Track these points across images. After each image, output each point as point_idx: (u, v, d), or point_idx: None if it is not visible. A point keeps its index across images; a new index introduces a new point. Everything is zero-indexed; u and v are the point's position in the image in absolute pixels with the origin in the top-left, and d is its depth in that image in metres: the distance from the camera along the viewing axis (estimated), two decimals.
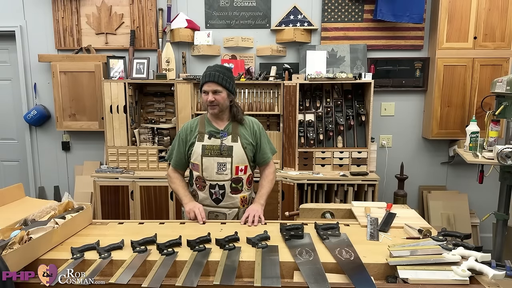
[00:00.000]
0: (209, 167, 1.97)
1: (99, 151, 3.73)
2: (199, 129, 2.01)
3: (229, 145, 1.97)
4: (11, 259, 1.31)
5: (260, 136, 2.05)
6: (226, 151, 1.96)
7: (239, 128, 2.01)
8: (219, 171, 1.96)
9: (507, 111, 2.65)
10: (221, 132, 1.99)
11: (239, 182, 2.01)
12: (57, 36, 3.59)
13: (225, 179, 1.98)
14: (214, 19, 3.58)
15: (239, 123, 2.02)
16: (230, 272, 1.32)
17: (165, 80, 3.38)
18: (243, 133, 2.01)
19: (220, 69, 1.93)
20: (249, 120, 2.07)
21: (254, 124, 2.07)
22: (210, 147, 1.97)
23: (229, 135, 1.98)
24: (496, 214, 2.69)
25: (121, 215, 3.25)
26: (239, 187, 2.01)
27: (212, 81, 1.90)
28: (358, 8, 3.49)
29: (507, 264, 1.36)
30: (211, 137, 1.98)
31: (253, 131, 2.04)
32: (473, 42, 3.28)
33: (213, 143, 1.97)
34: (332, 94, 3.52)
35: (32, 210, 1.76)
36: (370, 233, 1.70)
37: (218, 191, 1.99)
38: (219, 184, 1.98)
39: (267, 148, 2.09)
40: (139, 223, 1.89)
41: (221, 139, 1.97)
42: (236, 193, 2.02)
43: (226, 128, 2.01)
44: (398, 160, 3.45)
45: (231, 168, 1.97)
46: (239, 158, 1.98)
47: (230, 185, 1.99)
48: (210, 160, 1.96)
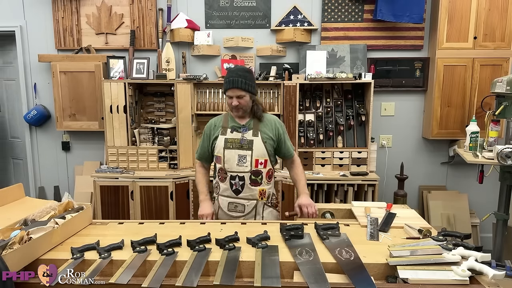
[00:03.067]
0: (230, 159, 2.08)
1: (99, 151, 3.73)
2: (222, 124, 2.15)
3: (249, 139, 2.09)
4: (11, 259, 1.30)
5: (282, 132, 2.17)
6: (247, 144, 2.08)
7: (259, 124, 2.13)
8: (240, 163, 2.07)
9: (507, 111, 2.65)
10: (242, 127, 2.11)
11: (259, 174, 2.10)
12: (57, 36, 3.59)
13: (245, 171, 2.08)
14: (214, 19, 3.58)
15: (259, 120, 2.14)
16: (230, 272, 1.32)
17: (165, 80, 3.38)
18: (263, 128, 2.13)
19: (242, 74, 2.04)
20: (271, 118, 2.20)
21: (276, 121, 2.18)
22: (232, 140, 2.10)
23: (250, 130, 2.11)
24: (496, 214, 2.69)
25: (121, 215, 3.25)
26: (258, 180, 2.11)
27: (236, 87, 2.02)
28: (358, 8, 3.49)
29: (507, 264, 1.36)
30: (233, 131, 2.11)
31: (275, 128, 2.15)
32: (473, 42, 3.28)
33: (235, 136, 2.10)
34: (332, 94, 3.52)
35: (32, 210, 1.76)
36: (370, 233, 1.70)
37: (238, 182, 2.09)
38: (239, 175, 2.08)
39: (290, 144, 2.22)
40: (139, 223, 1.89)
41: (242, 133, 2.10)
42: (255, 185, 2.10)
43: (248, 123, 2.13)
44: (398, 160, 3.45)
45: (251, 161, 2.07)
46: (259, 152, 2.08)
47: (250, 177, 2.08)
48: (232, 153, 2.08)
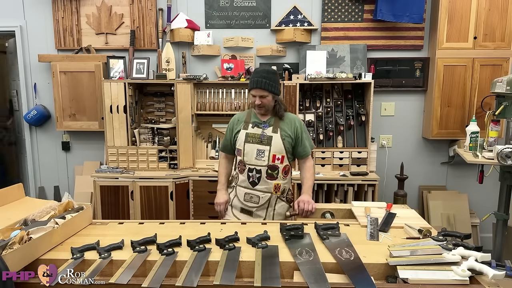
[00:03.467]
0: (250, 152, 2.20)
1: (99, 151, 3.73)
2: (245, 119, 2.27)
3: (269, 135, 2.20)
4: (11, 259, 1.30)
5: (301, 132, 2.25)
6: (266, 140, 2.19)
7: (280, 122, 2.23)
8: (258, 156, 2.19)
9: (507, 111, 2.65)
10: (263, 123, 2.22)
11: (275, 169, 2.19)
12: (57, 36, 3.59)
13: (262, 165, 2.18)
14: (214, 19, 3.58)
15: (280, 118, 2.24)
16: (230, 272, 1.32)
17: (165, 80, 3.38)
18: (283, 126, 2.22)
19: (266, 75, 2.15)
20: (292, 117, 2.30)
21: (296, 121, 2.27)
22: (253, 135, 2.21)
23: (270, 126, 2.21)
24: (496, 214, 2.69)
25: (121, 215, 3.25)
26: (274, 174, 2.20)
27: (259, 88, 2.13)
28: (358, 8, 3.49)
29: (507, 264, 1.36)
30: (254, 126, 2.23)
31: (294, 127, 2.24)
32: (473, 42, 3.28)
33: (255, 131, 2.22)
34: (332, 94, 3.52)
35: (32, 210, 1.76)
36: (370, 233, 1.70)
37: (255, 174, 2.20)
38: (256, 168, 2.19)
39: (308, 143, 2.29)
40: (139, 223, 1.89)
41: (262, 129, 2.21)
42: (271, 179, 2.20)
43: (268, 120, 2.24)
44: (398, 160, 3.45)
45: (269, 156, 2.18)
46: (277, 148, 2.18)
47: (267, 171, 2.18)
48: (251, 146, 2.20)
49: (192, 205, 3.30)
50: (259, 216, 2.21)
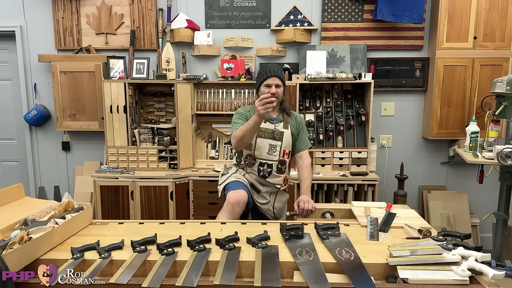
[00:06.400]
0: (262, 147, 2.25)
1: (99, 151, 3.73)
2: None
3: (281, 131, 2.27)
4: (11, 259, 1.30)
5: (302, 128, 2.35)
6: (278, 135, 2.26)
7: (288, 118, 2.33)
8: (270, 151, 2.25)
9: (507, 111, 2.65)
10: (275, 119, 2.29)
11: (284, 164, 2.30)
12: (57, 36, 3.59)
13: (273, 160, 2.27)
14: (214, 19, 3.58)
15: (288, 114, 2.33)
16: (230, 272, 1.32)
17: (165, 80, 3.38)
18: (291, 122, 2.32)
19: (278, 67, 2.27)
20: (296, 114, 2.41)
21: (298, 117, 2.39)
22: (265, 129, 2.25)
23: (280, 122, 2.29)
24: (496, 214, 2.69)
25: (121, 215, 3.25)
26: (283, 169, 2.31)
27: (276, 76, 2.20)
28: (358, 8, 3.49)
29: (507, 264, 1.36)
30: (266, 121, 2.25)
31: (298, 123, 2.34)
32: (473, 42, 3.28)
33: (268, 126, 2.26)
34: (332, 94, 3.52)
35: (32, 210, 1.76)
36: (370, 233, 1.70)
37: (266, 169, 2.27)
38: (268, 163, 2.26)
39: (306, 139, 2.38)
40: (139, 223, 1.89)
41: (274, 124, 2.28)
42: (280, 173, 2.31)
43: (278, 116, 2.31)
44: (398, 160, 3.45)
45: (280, 151, 2.26)
46: (287, 143, 2.27)
47: (277, 165, 2.27)
48: (264, 141, 2.25)
49: (192, 205, 3.30)
50: (264, 197, 2.30)
